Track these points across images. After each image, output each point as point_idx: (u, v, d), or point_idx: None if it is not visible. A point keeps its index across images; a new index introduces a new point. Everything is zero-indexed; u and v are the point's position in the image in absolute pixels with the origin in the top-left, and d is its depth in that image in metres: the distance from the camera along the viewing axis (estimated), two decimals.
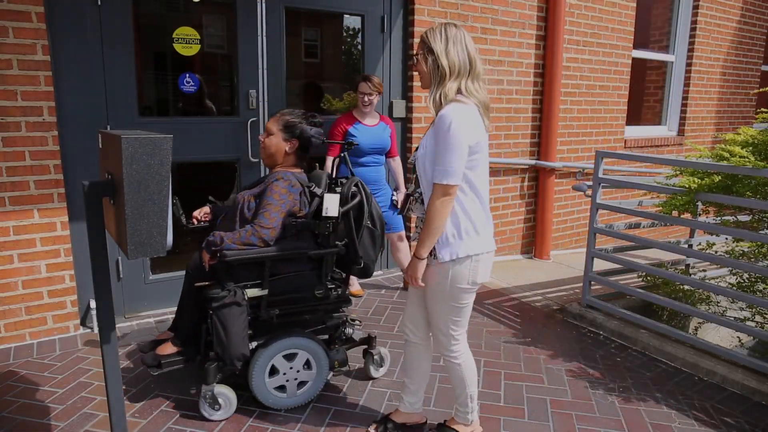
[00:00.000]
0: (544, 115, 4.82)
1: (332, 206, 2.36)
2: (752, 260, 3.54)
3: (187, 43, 3.35)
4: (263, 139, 2.59)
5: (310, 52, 4.06)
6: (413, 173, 2.05)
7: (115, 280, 3.36)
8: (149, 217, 1.57)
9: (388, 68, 4.14)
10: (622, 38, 5.31)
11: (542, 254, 5.03)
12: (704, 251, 3.84)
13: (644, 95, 6.31)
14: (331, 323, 2.64)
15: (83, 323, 3.30)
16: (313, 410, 2.51)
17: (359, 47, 4.07)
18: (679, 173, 3.33)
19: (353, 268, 2.57)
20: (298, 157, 2.62)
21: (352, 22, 4.06)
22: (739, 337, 4.26)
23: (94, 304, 3.22)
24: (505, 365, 2.99)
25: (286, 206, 2.40)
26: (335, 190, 2.48)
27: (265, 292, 2.41)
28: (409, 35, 4.14)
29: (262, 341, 2.42)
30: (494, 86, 4.56)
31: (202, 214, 2.73)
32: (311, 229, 2.47)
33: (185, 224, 2.69)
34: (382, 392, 2.68)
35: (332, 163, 3.54)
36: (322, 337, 2.57)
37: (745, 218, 3.53)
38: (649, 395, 2.72)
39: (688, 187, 3.01)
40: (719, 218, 3.55)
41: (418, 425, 2.37)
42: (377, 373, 2.78)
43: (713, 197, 3.00)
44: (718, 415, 2.58)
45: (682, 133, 6.22)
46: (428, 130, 1.98)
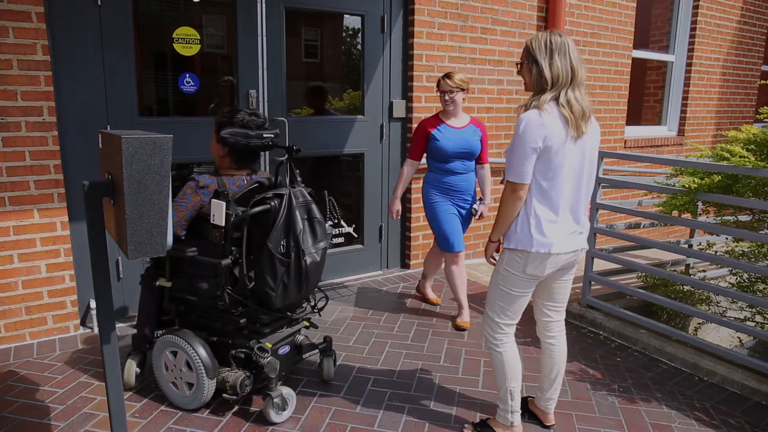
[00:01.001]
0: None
1: (217, 213, 2.22)
2: (752, 260, 3.54)
3: (187, 43, 3.35)
4: None
5: (310, 52, 4.06)
6: None
7: (115, 280, 3.36)
8: (149, 217, 1.57)
9: (388, 68, 4.14)
10: (622, 38, 5.31)
11: None
12: (704, 251, 3.84)
13: (644, 95, 6.31)
14: (238, 342, 2.41)
15: (83, 323, 3.30)
16: (313, 409, 2.51)
17: (359, 47, 4.07)
18: (679, 173, 3.33)
19: (250, 296, 2.34)
20: (235, 159, 2.48)
21: (352, 22, 4.06)
22: (739, 337, 4.26)
23: (94, 304, 3.22)
24: None
25: (187, 206, 2.37)
26: (253, 197, 2.28)
27: (168, 284, 2.46)
28: (409, 35, 4.14)
29: (164, 331, 2.50)
30: (494, 86, 4.56)
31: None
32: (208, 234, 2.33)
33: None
34: (382, 392, 2.68)
35: (408, 170, 3.42)
36: (239, 353, 2.37)
37: (745, 218, 3.53)
38: (649, 395, 2.72)
39: (688, 187, 3.01)
40: (719, 218, 3.55)
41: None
42: (278, 417, 2.39)
43: (713, 197, 3.00)
44: (718, 415, 2.58)
45: (682, 133, 6.22)
46: None
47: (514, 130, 2.00)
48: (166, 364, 2.46)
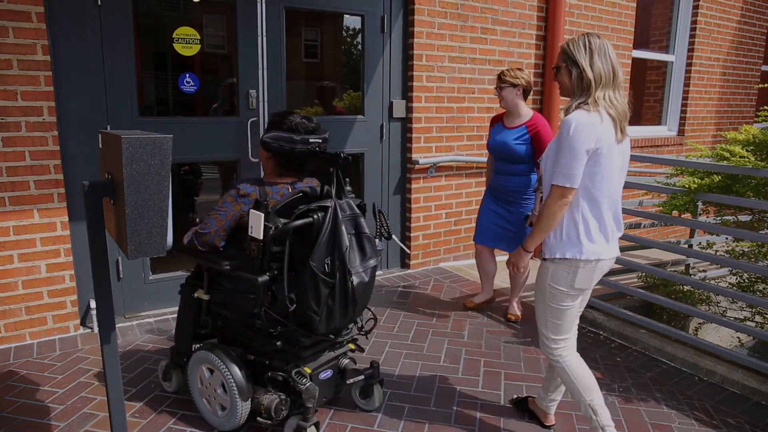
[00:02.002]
0: (544, 114, 4.81)
1: (255, 225, 2.02)
2: (752, 260, 3.55)
3: (187, 43, 3.35)
4: None
5: (310, 52, 4.06)
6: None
7: (115, 280, 3.36)
8: (149, 217, 1.57)
9: (388, 68, 4.14)
10: (622, 38, 5.31)
11: None
12: (704, 251, 3.84)
13: (644, 95, 6.31)
14: (275, 363, 2.23)
15: (83, 323, 3.30)
16: None
17: (359, 47, 4.07)
18: (679, 173, 3.33)
19: (290, 316, 2.12)
20: (279, 165, 2.30)
21: (352, 22, 4.06)
22: (739, 337, 4.26)
23: (94, 304, 3.22)
24: (505, 365, 2.99)
25: (226, 216, 2.23)
26: (296, 209, 2.08)
27: (206, 297, 2.34)
28: (409, 35, 4.14)
29: (201, 345, 2.38)
30: (495, 86, 4.55)
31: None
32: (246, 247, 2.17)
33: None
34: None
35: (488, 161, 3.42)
36: (276, 374, 2.20)
37: (745, 218, 3.53)
38: (649, 395, 2.72)
39: (688, 187, 3.01)
40: (719, 218, 3.55)
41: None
42: None
43: (713, 197, 3.00)
44: (718, 415, 2.58)
45: (682, 133, 6.22)
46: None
47: (564, 132, 1.90)
48: (201, 379, 2.34)
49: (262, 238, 2.01)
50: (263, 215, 1.99)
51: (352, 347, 2.48)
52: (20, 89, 2.87)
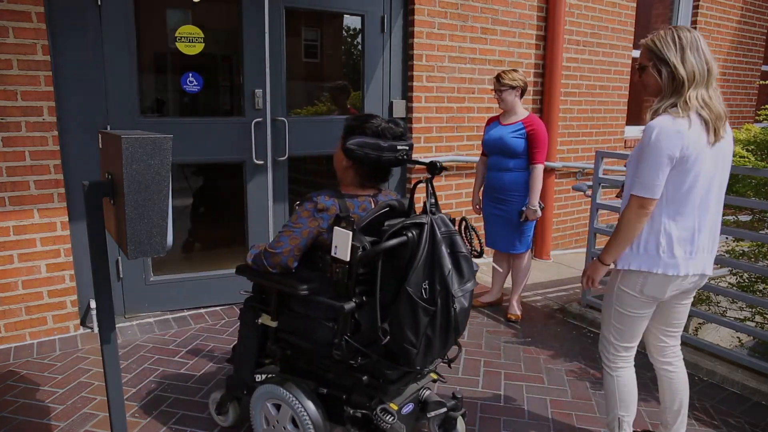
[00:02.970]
0: (544, 114, 4.81)
1: (341, 245, 1.77)
2: (752, 260, 3.54)
3: (190, 41, 3.33)
4: None
5: (309, 52, 4.06)
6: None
7: (115, 280, 3.36)
8: (149, 217, 1.57)
9: (388, 68, 4.13)
10: (622, 38, 5.31)
11: (542, 254, 5.02)
12: None
13: (644, 95, 6.31)
14: (355, 399, 1.99)
15: (83, 323, 3.30)
16: None
17: (359, 47, 4.07)
18: None
19: (378, 344, 1.85)
20: (361, 175, 2.02)
21: (352, 22, 4.06)
22: (739, 337, 4.26)
23: (94, 304, 3.22)
24: (505, 365, 2.99)
25: (301, 233, 1.94)
26: (383, 225, 1.83)
27: (274, 323, 2.07)
28: (409, 35, 4.14)
29: (266, 377, 2.14)
30: (492, 88, 4.55)
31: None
32: (325, 268, 1.92)
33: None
34: None
35: (478, 165, 3.49)
36: (357, 411, 1.96)
37: (745, 218, 3.53)
38: (649, 395, 2.72)
39: None
40: None
41: None
42: None
43: None
44: (718, 415, 2.58)
45: None
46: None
47: (646, 139, 1.77)
48: (266, 417, 2.10)
49: (348, 260, 1.75)
50: (351, 234, 1.74)
51: (434, 377, 2.21)
52: (20, 89, 2.87)
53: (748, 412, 2.61)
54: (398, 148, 1.97)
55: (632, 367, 2.11)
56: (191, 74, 3.39)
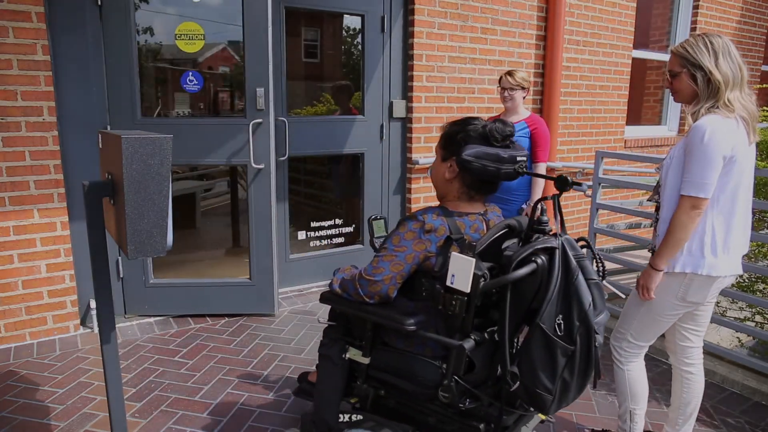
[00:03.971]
0: (544, 114, 4.81)
1: (460, 274, 1.50)
2: (752, 260, 3.54)
3: (190, 39, 3.30)
4: None
5: (309, 52, 4.06)
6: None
7: (115, 280, 3.36)
8: (149, 217, 1.57)
9: (388, 68, 4.13)
10: (622, 38, 5.31)
11: None
12: None
13: (644, 95, 6.31)
14: None
15: (83, 323, 3.30)
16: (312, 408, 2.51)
17: (359, 47, 4.07)
18: None
19: (503, 386, 1.58)
20: (472, 188, 1.75)
21: (352, 22, 4.06)
22: (739, 337, 4.26)
23: (94, 304, 3.22)
24: None
25: (405, 258, 1.68)
26: (505, 252, 1.59)
27: (366, 360, 1.83)
28: (409, 35, 4.14)
29: (355, 419, 1.91)
30: (494, 86, 4.55)
31: None
32: (435, 299, 1.62)
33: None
34: None
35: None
36: None
37: None
38: (649, 395, 2.71)
39: None
40: None
41: None
42: None
43: None
44: (718, 415, 2.58)
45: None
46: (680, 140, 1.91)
47: (698, 138, 1.76)
48: None
49: (469, 291, 1.49)
50: (473, 261, 1.48)
51: (542, 417, 1.93)
52: (20, 89, 2.87)
53: (748, 412, 2.61)
54: (518, 159, 1.72)
55: (642, 360, 2.13)
56: (191, 73, 3.36)
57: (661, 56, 6.07)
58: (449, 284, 1.51)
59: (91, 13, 3.05)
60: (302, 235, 4.07)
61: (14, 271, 3.01)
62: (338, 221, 4.23)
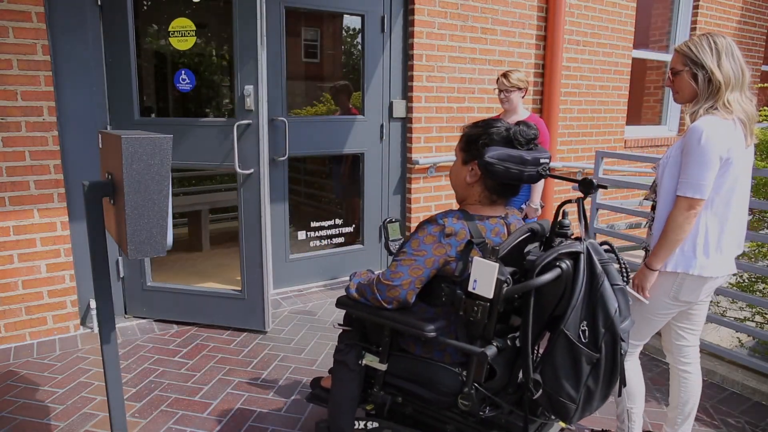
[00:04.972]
0: (544, 115, 4.81)
1: (482, 279, 1.48)
2: (752, 260, 3.54)
3: (182, 36, 3.23)
4: None
5: (309, 52, 4.06)
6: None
7: (115, 280, 3.36)
8: (149, 217, 1.57)
9: (388, 68, 4.13)
10: (622, 38, 5.31)
11: None
12: None
13: (644, 95, 6.31)
14: None
15: (83, 323, 3.30)
16: (313, 408, 2.51)
17: (359, 47, 4.07)
18: None
19: (525, 393, 1.58)
20: (494, 191, 1.71)
21: (352, 22, 4.06)
22: (739, 337, 4.25)
23: (94, 304, 3.22)
24: None
25: (425, 263, 1.64)
26: (526, 255, 1.57)
27: (383, 366, 1.79)
28: (409, 35, 4.14)
29: (371, 426, 1.87)
30: (494, 86, 4.55)
31: None
32: (455, 304, 1.60)
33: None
34: None
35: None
36: None
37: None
38: (648, 395, 2.72)
39: None
40: None
41: None
42: None
43: None
44: (718, 415, 2.58)
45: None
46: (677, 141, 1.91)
47: (695, 139, 1.77)
48: None
49: (492, 297, 1.47)
50: (497, 266, 1.45)
51: (562, 425, 1.89)
52: (20, 89, 2.87)
53: (748, 412, 2.61)
54: (541, 161, 1.68)
55: (637, 359, 2.13)
56: (183, 71, 3.28)
57: (661, 56, 6.07)
58: (471, 289, 1.49)
59: (91, 13, 3.05)
60: (302, 235, 4.08)
61: (14, 271, 3.01)
62: (338, 221, 4.23)
